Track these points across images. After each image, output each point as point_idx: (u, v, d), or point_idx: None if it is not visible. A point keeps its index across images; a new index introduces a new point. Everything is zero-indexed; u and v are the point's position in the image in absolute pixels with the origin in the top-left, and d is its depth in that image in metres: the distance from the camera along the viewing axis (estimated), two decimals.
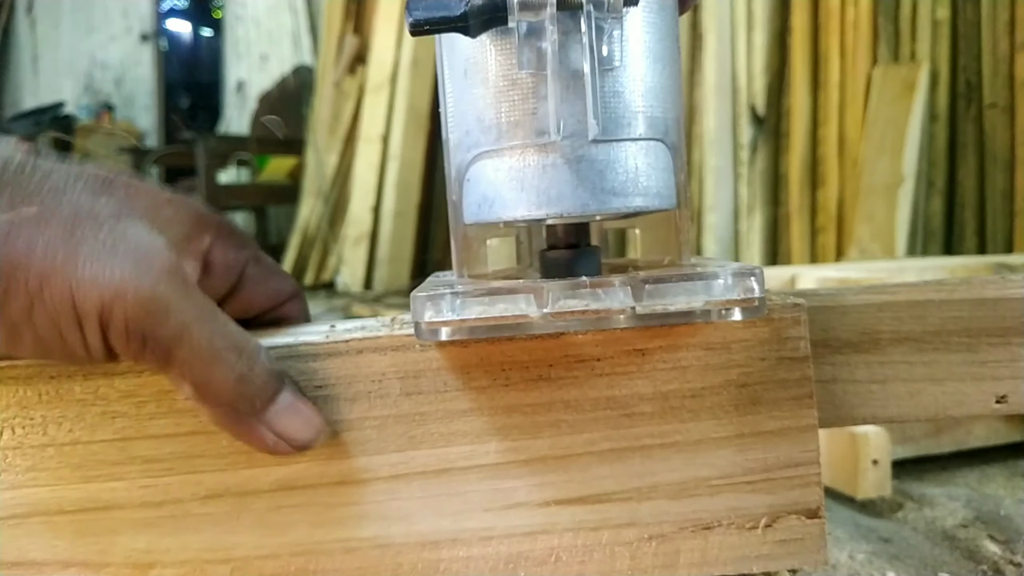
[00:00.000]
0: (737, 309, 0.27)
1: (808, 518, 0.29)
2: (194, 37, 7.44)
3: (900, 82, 1.84)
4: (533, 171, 0.27)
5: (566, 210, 0.27)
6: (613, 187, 0.27)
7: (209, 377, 0.25)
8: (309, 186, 3.20)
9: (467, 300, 0.26)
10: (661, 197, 0.28)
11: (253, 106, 4.51)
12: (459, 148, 0.28)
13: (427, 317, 0.26)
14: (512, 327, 0.26)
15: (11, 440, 0.29)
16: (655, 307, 0.26)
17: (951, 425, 0.81)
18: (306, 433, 0.27)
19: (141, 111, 6.09)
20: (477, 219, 0.28)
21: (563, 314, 0.25)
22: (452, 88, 0.29)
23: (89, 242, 0.24)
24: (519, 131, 0.27)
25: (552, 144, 0.26)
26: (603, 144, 0.26)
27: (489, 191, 0.28)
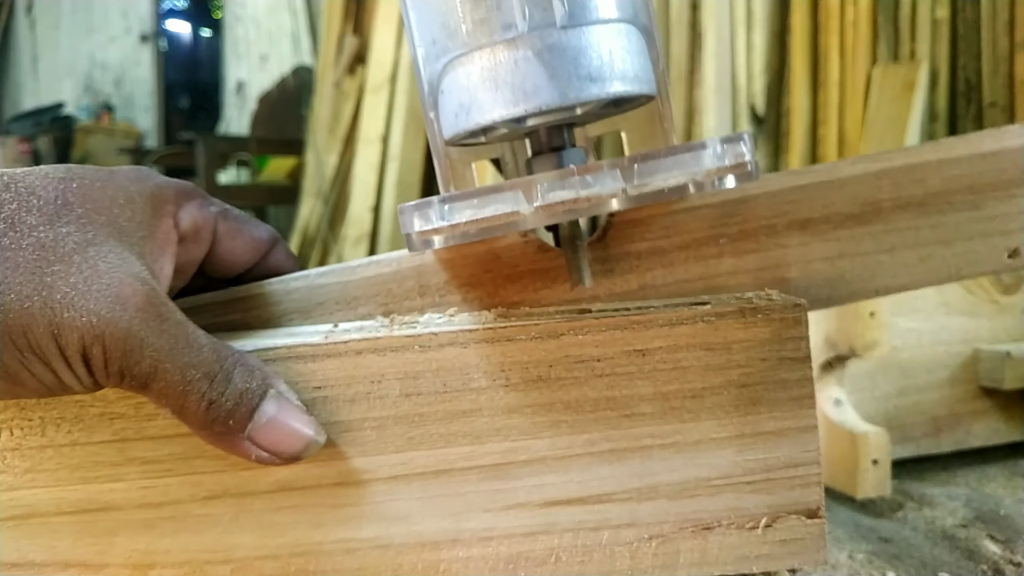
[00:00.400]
0: (731, 176, 0.26)
1: (808, 518, 0.29)
2: (194, 37, 7.44)
3: (900, 81, 1.84)
4: (505, 68, 0.26)
5: (544, 103, 0.26)
6: (588, 73, 0.26)
7: (183, 404, 0.26)
8: (309, 186, 3.20)
9: (455, 204, 0.25)
10: (640, 80, 0.27)
11: (253, 106, 4.51)
12: (428, 60, 0.28)
13: (417, 227, 0.26)
14: (504, 226, 0.25)
15: (10, 442, 0.29)
16: (647, 186, 0.25)
17: (951, 425, 0.81)
18: (290, 447, 0.27)
19: (141, 111, 6.09)
20: (455, 130, 0.28)
21: (554, 205, 0.24)
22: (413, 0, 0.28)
23: (61, 285, 0.25)
24: (485, 29, 0.26)
25: (521, 37, 0.25)
26: (572, 30, 0.26)
27: (464, 97, 0.27)
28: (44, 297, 0.24)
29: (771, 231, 0.32)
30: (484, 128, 0.27)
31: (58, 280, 0.25)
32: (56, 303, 0.24)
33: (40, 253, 0.25)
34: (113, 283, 0.25)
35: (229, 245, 0.32)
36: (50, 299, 0.24)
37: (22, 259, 0.25)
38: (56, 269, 0.25)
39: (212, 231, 0.32)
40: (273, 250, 0.34)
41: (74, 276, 0.25)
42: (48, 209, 0.26)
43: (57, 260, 0.25)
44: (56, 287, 0.25)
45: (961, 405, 0.75)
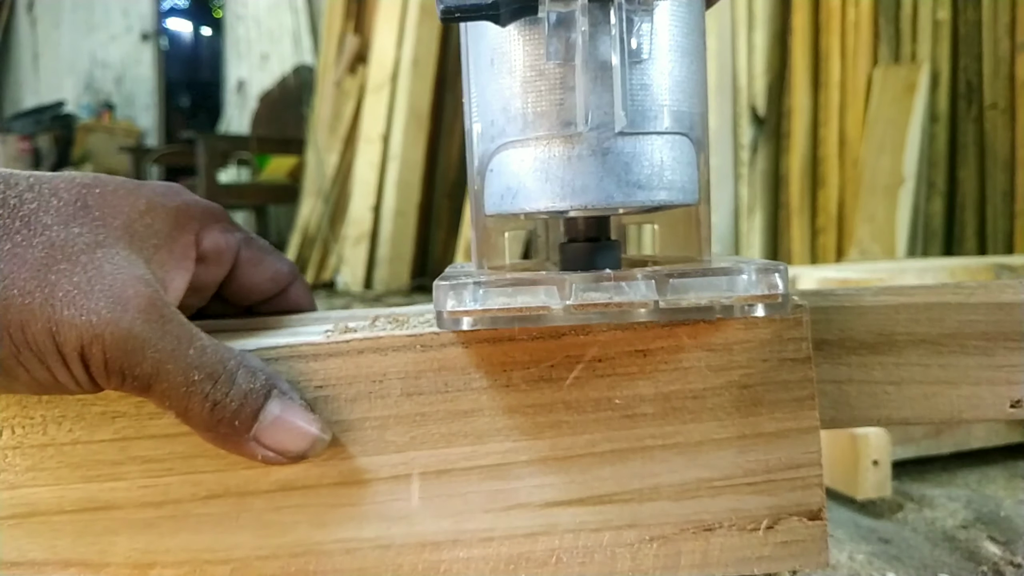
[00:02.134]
0: (760, 305, 0.27)
1: (809, 519, 0.29)
2: (195, 36, 7.44)
3: (901, 83, 1.84)
4: (558, 162, 0.27)
5: (591, 202, 0.26)
6: (638, 180, 0.27)
7: (186, 406, 0.26)
8: (309, 186, 3.20)
9: (489, 290, 0.26)
10: (685, 192, 0.28)
11: (253, 105, 4.51)
12: (483, 138, 0.28)
13: (449, 306, 0.26)
14: (534, 318, 0.26)
15: (11, 440, 0.29)
16: (679, 302, 0.26)
17: (951, 425, 0.81)
18: (296, 445, 0.27)
19: (141, 110, 6.09)
20: (499, 210, 0.28)
21: (585, 306, 0.25)
22: (477, 77, 0.28)
23: (64, 283, 0.25)
24: (545, 122, 0.27)
25: (578, 135, 0.26)
26: (629, 137, 0.26)
27: (512, 182, 0.28)
28: (46, 294, 0.24)
29: None
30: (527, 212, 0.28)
31: (62, 278, 0.25)
32: (57, 300, 0.24)
33: (49, 251, 0.25)
34: (116, 284, 0.25)
35: (249, 272, 0.33)
36: (51, 296, 0.24)
37: (30, 256, 0.25)
38: (62, 268, 0.25)
39: (233, 256, 0.32)
40: (293, 285, 0.34)
41: (78, 275, 0.25)
42: (66, 211, 0.26)
43: (64, 259, 0.25)
44: (59, 285, 0.25)
45: None
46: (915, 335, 0.32)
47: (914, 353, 0.32)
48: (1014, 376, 0.32)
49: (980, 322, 0.32)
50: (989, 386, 0.32)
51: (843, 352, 0.32)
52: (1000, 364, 0.32)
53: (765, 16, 1.97)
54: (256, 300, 0.34)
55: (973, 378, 0.32)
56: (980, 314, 0.32)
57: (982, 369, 0.32)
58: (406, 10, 2.72)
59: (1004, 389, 0.32)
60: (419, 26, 2.68)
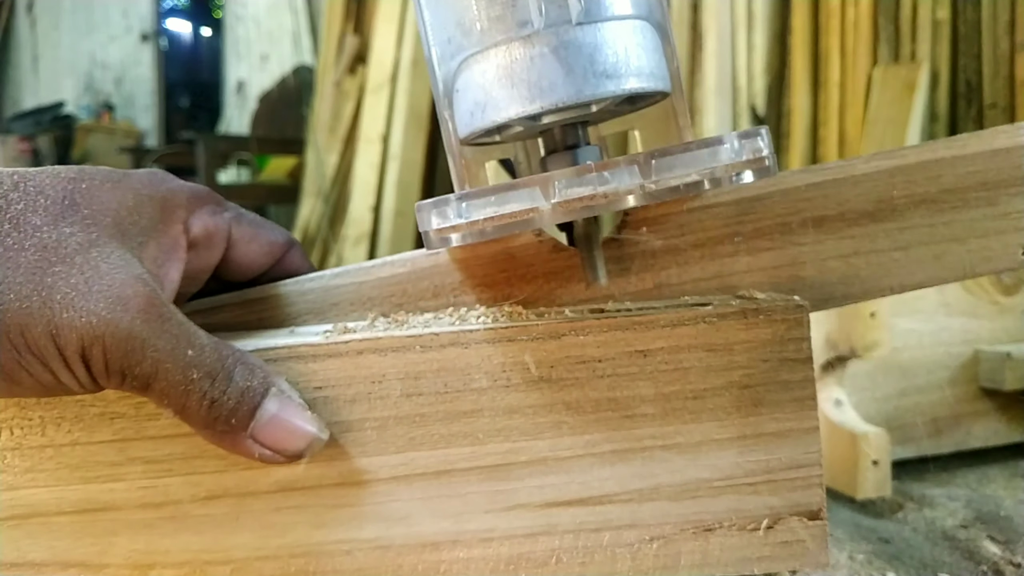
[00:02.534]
0: (748, 171, 0.26)
1: (810, 520, 0.29)
2: (194, 37, 7.44)
3: (900, 82, 1.84)
4: (521, 65, 0.26)
5: (560, 99, 0.26)
6: (604, 69, 0.26)
7: (184, 404, 0.26)
8: (309, 186, 3.20)
9: (473, 202, 0.25)
10: (655, 77, 0.27)
11: (253, 106, 4.51)
12: (443, 59, 0.28)
13: (435, 224, 0.26)
14: (522, 223, 0.25)
15: (10, 441, 0.29)
16: (665, 181, 0.25)
17: (951, 426, 0.81)
18: (293, 444, 0.27)
19: (141, 111, 6.09)
20: (471, 128, 0.27)
21: (571, 202, 0.24)
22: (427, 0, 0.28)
23: (62, 285, 0.25)
24: (501, 26, 0.26)
25: (536, 34, 0.25)
26: (588, 26, 0.26)
27: (479, 95, 0.27)
28: (44, 297, 0.24)
29: (786, 229, 0.31)
30: (499, 126, 0.27)
31: (59, 280, 0.25)
32: (56, 303, 0.24)
33: (42, 254, 0.25)
34: (114, 284, 0.25)
35: (244, 250, 0.32)
36: (50, 299, 0.24)
37: (24, 259, 0.25)
38: (57, 270, 0.25)
39: (225, 237, 0.32)
40: (288, 253, 0.34)
41: (75, 277, 0.25)
42: (54, 209, 0.26)
43: (59, 261, 0.25)
44: (56, 287, 0.25)
45: (961, 406, 0.75)
46: (914, 196, 0.31)
47: (916, 214, 0.31)
48: (1021, 222, 0.31)
49: (978, 172, 0.31)
50: (997, 236, 0.31)
51: (845, 225, 0.31)
52: (1005, 212, 0.31)
53: (765, 16, 1.97)
54: (254, 275, 0.34)
55: (980, 230, 0.31)
56: (977, 164, 0.31)
57: (987, 220, 0.31)
58: (406, 10, 2.72)
59: (1013, 237, 0.31)
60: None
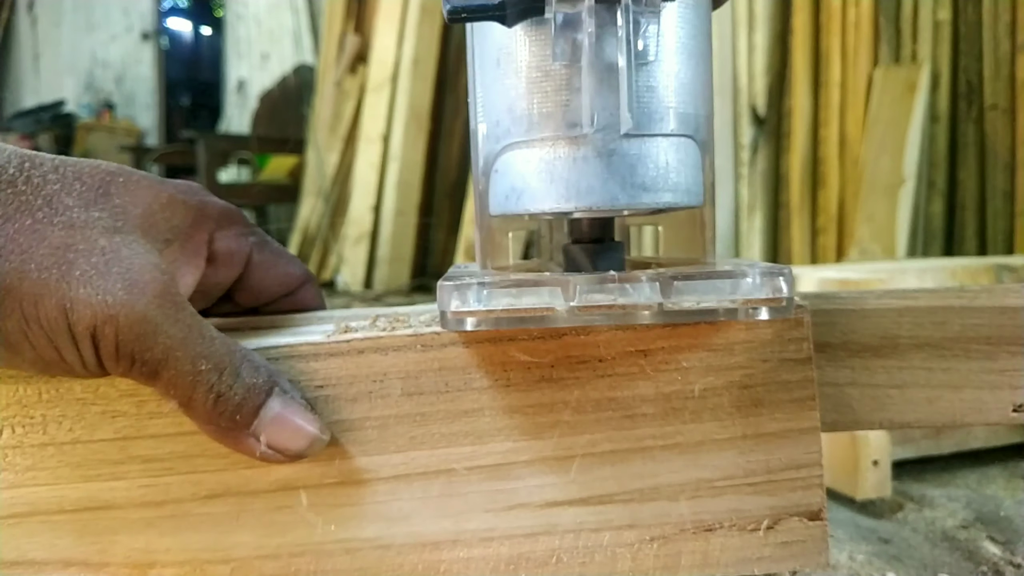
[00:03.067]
0: (764, 308, 0.27)
1: (810, 520, 0.29)
2: (195, 36, 7.44)
3: (901, 83, 1.84)
4: (564, 163, 0.27)
5: (595, 203, 0.27)
6: (643, 182, 0.27)
7: (191, 396, 0.26)
8: (309, 185, 3.20)
9: (494, 291, 0.26)
10: (690, 194, 0.28)
11: (254, 105, 4.51)
12: (488, 138, 0.28)
13: (453, 307, 0.26)
14: (537, 319, 0.26)
15: (11, 439, 0.29)
16: (683, 304, 0.26)
17: (952, 427, 0.81)
18: (295, 444, 0.27)
19: (142, 109, 6.09)
20: (504, 210, 0.28)
21: (590, 308, 0.25)
22: (482, 78, 0.28)
23: (82, 263, 0.25)
24: (550, 123, 0.27)
25: (583, 137, 0.26)
26: (635, 138, 0.26)
27: (518, 182, 0.28)
28: (63, 271, 0.25)
29: None
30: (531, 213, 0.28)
31: (79, 258, 0.25)
32: (74, 279, 0.25)
33: (68, 231, 0.25)
34: (133, 268, 0.25)
35: (260, 275, 0.33)
36: (68, 274, 0.25)
37: (50, 234, 0.25)
38: (80, 248, 0.25)
39: (245, 259, 0.32)
40: (303, 288, 0.34)
41: (96, 256, 0.25)
42: (88, 195, 0.27)
43: (83, 240, 0.25)
44: (76, 264, 0.25)
45: None
46: (918, 339, 0.32)
47: (917, 357, 0.32)
48: (1016, 380, 0.32)
49: (984, 326, 0.32)
50: (992, 390, 0.32)
51: (846, 355, 0.32)
52: (1003, 368, 0.32)
53: (765, 16, 1.97)
54: (264, 302, 0.34)
55: (976, 382, 0.32)
56: (984, 318, 0.32)
57: (985, 373, 0.32)
58: (406, 10, 2.72)
59: (1007, 393, 0.32)
60: (419, 26, 2.68)
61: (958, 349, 0.32)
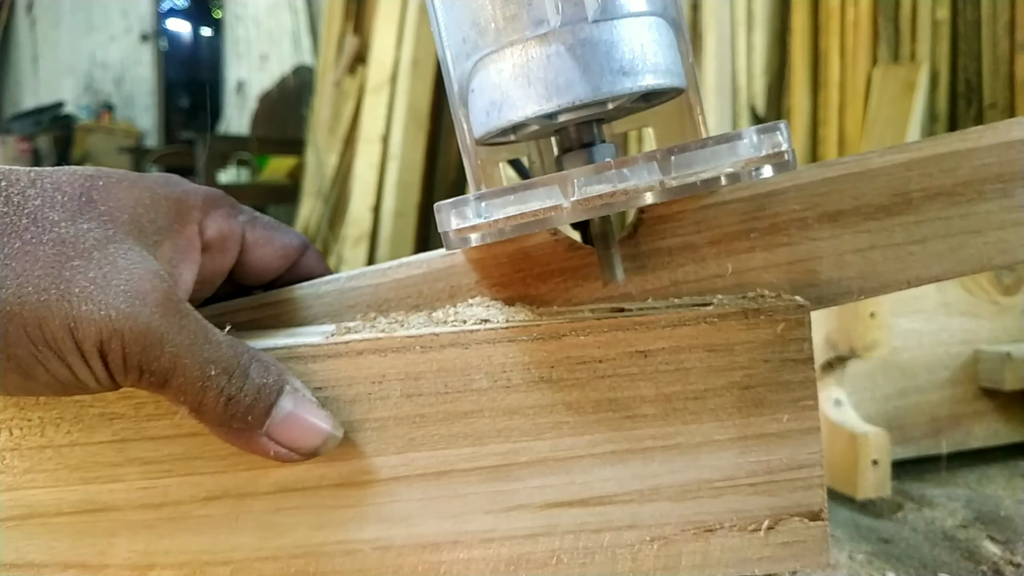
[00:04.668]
0: (768, 166, 0.25)
1: (810, 520, 0.29)
2: (194, 37, 7.44)
3: (900, 82, 1.84)
4: (537, 63, 0.26)
5: (577, 97, 0.26)
6: (621, 66, 0.26)
7: (201, 401, 0.26)
8: (309, 186, 3.20)
9: (492, 201, 0.25)
10: (671, 73, 0.27)
11: (253, 106, 4.51)
12: (458, 59, 0.28)
13: (454, 225, 0.25)
14: (541, 221, 0.25)
15: (9, 442, 0.29)
16: (685, 177, 0.25)
17: (951, 426, 0.81)
18: (309, 441, 0.27)
19: (141, 111, 6.09)
20: (487, 128, 0.27)
21: (590, 199, 0.24)
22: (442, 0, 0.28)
23: (80, 279, 0.25)
24: (517, 25, 0.26)
25: (553, 32, 0.25)
26: (604, 24, 0.26)
27: (495, 94, 0.27)
28: (62, 291, 0.24)
29: (802, 224, 0.31)
30: (515, 125, 0.27)
31: (77, 275, 0.25)
32: (74, 296, 0.24)
33: (60, 248, 0.25)
34: (132, 279, 0.25)
35: (258, 253, 0.32)
36: (68, 293, 0.24)
37: (42, 253, 0.25)
38: (75, 264, 0.25)
39: (239, 240, 0.31)
40: (304, 256, 0.34)
41: (93, 271, 0.25)
42: (71, 206, 0.26)
43: (77, 255, 0.25)
44: (75, 281, 0.25)
45: (961, 406, 0.75)
46: (930, 189, 0.31)
47: (932, 208, 0.31)
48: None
49: (994, 164, 0.31)
50: (1013, 228, 0.31)
51: (861, 219, 0.31)
52: (1021, 204, 0.31)
53: (764, 16, 1.97)
54: (269, 278, 0.33)
55: (996, 222, 0.31)
56: (993, 156, 0.31)
57: (1004, 212, 0.31)
58: (405, 10, 2.72)
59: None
60: (419, 26, 2.68)
61: (972, 192, 0.31)
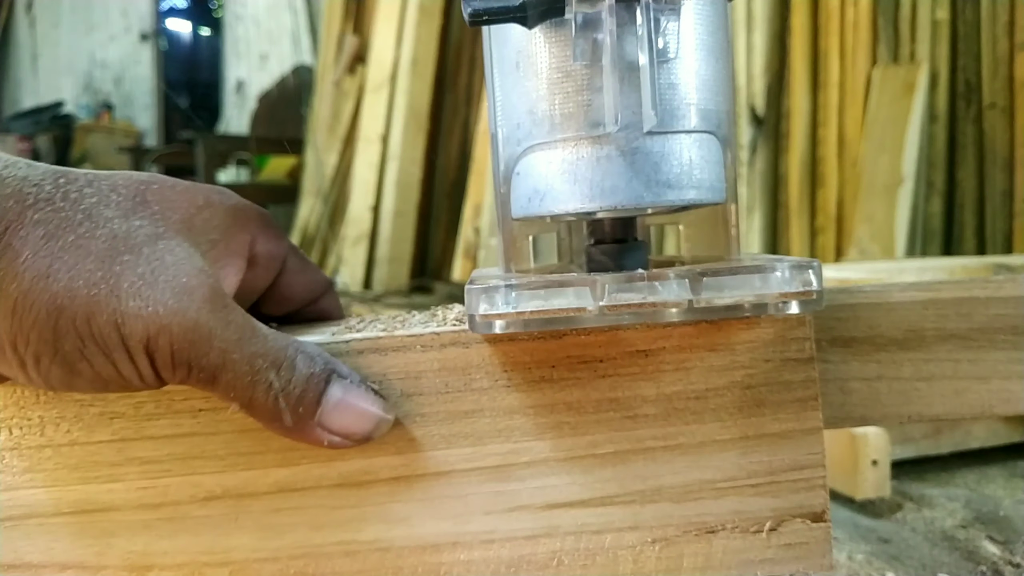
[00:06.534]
0: (795, 302, 0.26)
1: (813, 522, 0.29)
2: (194, 36, 7.44)
3: (900, 83, 1.84)
4: (587, 163, 0.26)
5: (620, 203, 0.26)
6: (667, 179, 0.26)
7: (252, 396, 0.26)
8: (308, 186, 3.20)
9: (522, 293, 0.26)
10: (713, 190, 0.28)
11: (253, 105, 4.51)
12: (509, 141, 0.28)
13: (482, 310, 0.26)
14: (566, 320, 0.26)
15: (8, 441, 0.28)
16: (712, 300, 0.25)
17: (951, 426, 0.81)
18: (361, 427, 0.27)
19: (140, 110, 6.09)
20: (527, 213, 0.28)
21: (619, 307, 0.25)
22: (502, 81, 0.28)
23: (129, 275, 0.25)
24: (572, 123, 0.26)
25: (606, 136, 0.26)
26: (658, 136, 0.26)
27: (540, 184, 0.27)
28: (111, 285, 0.24)
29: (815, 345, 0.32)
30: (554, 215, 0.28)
31: (126, 269, 0.25)
32: (122, 292, 0.24)
33: (111, 243, 0.25)
34: (180, 275, 0.25)
35: (291, 281, 0.32)
36: (116, 287, 0.24)
37: (94, 247, 0.25)
38: (125, 259, 0.25)
39: (280, 263, 0.32)
40: (326, 296, 0.34)
41: (142, 266, 0.25)
42: (126, 205, 0.26)
43: (127, 250, 0.25)
44: (123, 276, 0.25)
45: None
46: (944, 330, 0.32)
47: (943, 348, 0.32)
48: None
49: (1009, 316, 0.32)
50: (1019, 380, 0.32)
51: (872, 349, 0.31)
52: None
53: (764, 16, 1.97)
54: (291, 309, 0.34)
55: (1003, 372, 0.32)
56: (1009, 308, 0.32)
57: (1012, 363, 0.32)
58: (405, 10, 2.72)
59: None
60: (418, 26, 2.68)
61: (984, 340, 0.32)
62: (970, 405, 0.32)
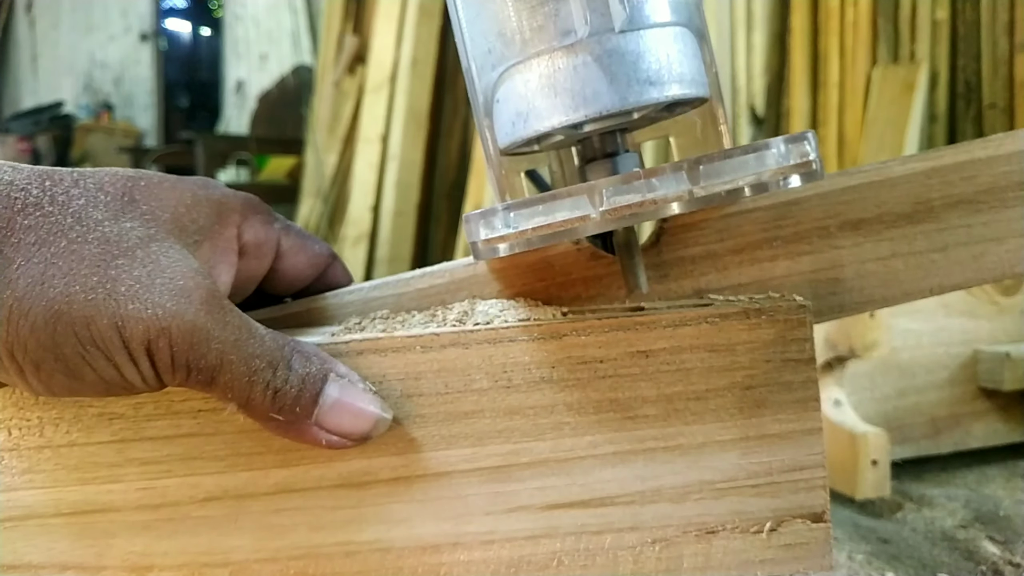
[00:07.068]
0: (796, 175, 0.25)
1: (813, 522, 0.29)
2: (193, 36, 7.44)
3: (899, 83, 1.84)
4: (564, 74, 0.26)
5: (604, 107, 0.26)
6: (648, 77, 0.26)
7: (249, 396, 0.26)
8: (308, 186, 3.20)
9: (521, 212, 0.25)
10: (696, 83, 0.27)
11: (253, 106, 4.51)
12: (484, 69, 0.28)
13: (483, 235, 0.25)
14: (569, 231, 0.25)
15: (7, 442, 0.28)
16: (712, 187, 0.25)
17: (950, 426, 0.81)
18: (359, 427, 0.27)
19: (140, 110, 6.09)
20: (512, 138, 0.27)
21: (619, 209, 0.24)
22: (466, 11, 0.28)
23: (125, 278, 0.25)
24: (543, 36, 0.26)
25: (580, 43, 0.25)
26: (631, 34, 0.26)
27: (521, 105, 0.27)
28: (109, 289, 0.24)
29: (824, 232, 0.31)
30: (540, 136, 0.27)
31: (122, 273, 0.25)
32: (121, 295, 0.24)
33: (104, 247, 0.25)
34: (176, 277, 0.25)
35: (291, 261, 0.32)
36: (115, 291, 0.24)
37: (87, 252, 0.25)
38: (120, 263, 0.25)
39: (275, 247, 0.32)
40: (331, 267, 0.34)
41: (137, 270, 0.25)
42: (114, 205, 0.26)
43: (121, 254, 0.25)
44: (120, 280, 0.25)
45: (960, 406, 0.75)
46: (952, 197, 0.31)
47: (954, 215, 0.31)
48: None
49: (1014, 172, 0.31)
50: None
51: (883, 227, 0.31)
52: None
53: (764, 17, 1.97)
54: (298, 287, 0.34)
55: (1018, 230, 0.31)
56: (1013, 163, 0.31)
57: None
58: (405, 10, 2.72)
59: None
60: (418, 26, 2.68)
61: (993, 200, 0.31)
62: (990, 268, 0.31)
